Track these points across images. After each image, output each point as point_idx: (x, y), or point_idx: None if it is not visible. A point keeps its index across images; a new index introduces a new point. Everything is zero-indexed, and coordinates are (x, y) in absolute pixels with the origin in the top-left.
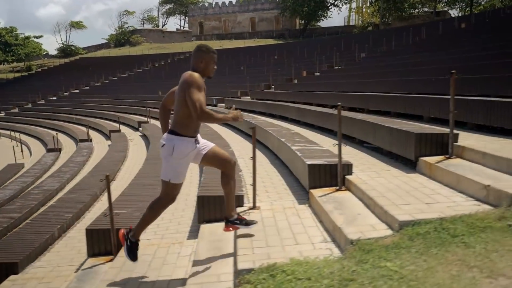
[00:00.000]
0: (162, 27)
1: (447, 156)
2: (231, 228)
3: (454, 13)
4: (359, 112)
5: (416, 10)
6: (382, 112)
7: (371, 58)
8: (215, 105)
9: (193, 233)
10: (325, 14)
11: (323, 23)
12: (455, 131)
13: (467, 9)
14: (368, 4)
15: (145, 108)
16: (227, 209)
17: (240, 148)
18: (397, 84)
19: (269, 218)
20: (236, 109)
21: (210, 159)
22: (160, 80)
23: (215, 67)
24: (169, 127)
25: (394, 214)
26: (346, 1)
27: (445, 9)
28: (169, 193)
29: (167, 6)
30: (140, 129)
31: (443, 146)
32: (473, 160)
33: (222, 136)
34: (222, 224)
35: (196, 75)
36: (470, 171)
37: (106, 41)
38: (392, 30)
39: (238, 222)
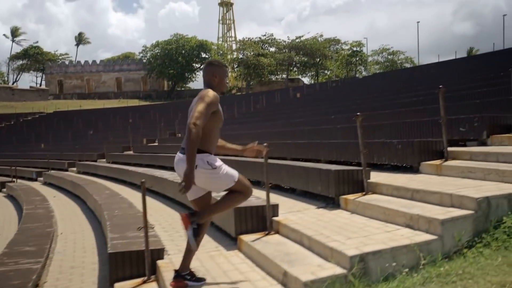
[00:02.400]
0: (13, 83)
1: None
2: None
3: (306, 80)
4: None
5: (276, 77)
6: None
7: None
8: (35, 179)
9: None
10: (192, 77)
11: (194, 85)
12: None
13: (316, 77)
14: (232, 69)
15: None
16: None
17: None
18: None
19: None
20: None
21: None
22: None
23: (228, 82)
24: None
25: None
26: None
27: (298, 76)
28: (245, 185)
29: (20, 62)
30: None
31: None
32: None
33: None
34: None
35: (212, 93)
36: None
37: None
38: (239, 97)
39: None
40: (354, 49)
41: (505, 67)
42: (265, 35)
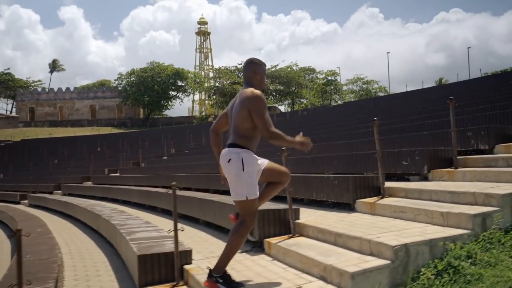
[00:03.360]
0: None
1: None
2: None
3: (283, 108)
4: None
5: None
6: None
7: (176, 156)
8: None
9: None
10: (167, 105)
11: (170, 112)
12: None
13: (292, 106)
14: (208, 97)
15: None
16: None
17: None
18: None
19: None
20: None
21: (270, 173)
22: None
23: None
24: (230, 141)
25: None
26: (187, 94)
27: (275, 105)
28: (250, 211)
29: None
30: None
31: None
32: None
33: None
34: None
35: (259, 92)
36: None
37: None
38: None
39: None
40: (329, 78)
41: (465, 98)
42: (241, 64)
